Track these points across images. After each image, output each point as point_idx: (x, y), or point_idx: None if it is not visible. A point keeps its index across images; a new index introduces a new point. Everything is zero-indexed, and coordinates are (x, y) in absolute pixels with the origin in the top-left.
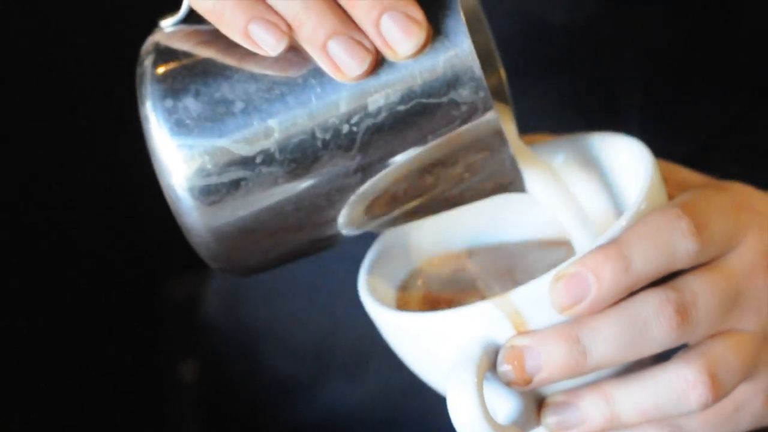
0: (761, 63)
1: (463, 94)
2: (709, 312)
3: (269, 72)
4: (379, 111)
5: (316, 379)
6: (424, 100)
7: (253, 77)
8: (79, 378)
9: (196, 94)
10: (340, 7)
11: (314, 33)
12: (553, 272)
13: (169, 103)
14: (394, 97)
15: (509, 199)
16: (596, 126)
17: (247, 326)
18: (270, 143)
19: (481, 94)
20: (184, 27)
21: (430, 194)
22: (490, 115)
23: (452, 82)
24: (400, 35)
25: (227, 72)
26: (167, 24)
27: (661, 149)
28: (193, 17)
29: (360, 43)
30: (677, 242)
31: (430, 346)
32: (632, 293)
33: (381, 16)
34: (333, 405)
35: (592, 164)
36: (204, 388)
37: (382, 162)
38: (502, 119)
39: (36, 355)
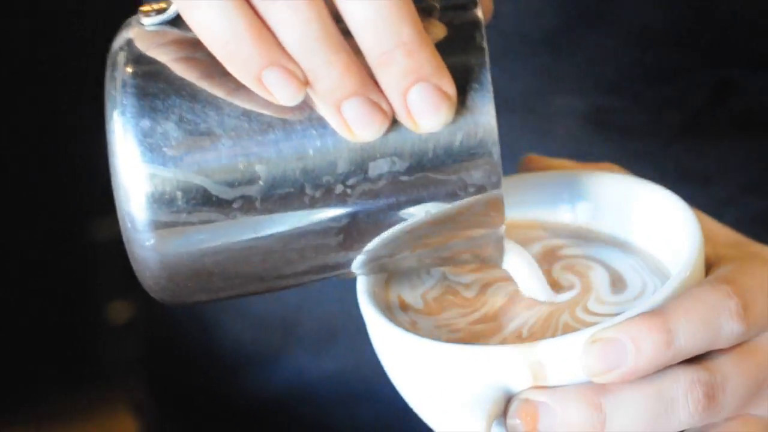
0: (750, 32)
1: (475, 176)
2: (735, 398)
3: (266, 111)
4: (379, 177)
5: (280, 351)
6: (431, 174)
7: (247, 114)
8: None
9: (180, 121)
10: (362, 62)
11: (332, 91)
12: (590, 331)
13: (146, 123)
14: (400, 166)
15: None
16: (589, 101)
17: None
18: (253, 190)
19: (494, 179)
20: (169, 30)
21: (406, 258)
22: (495, 198)
23: (466, 162)
24: (427, 110)
25: (218, 101)
26: (150, 22)
27: (656, 118)
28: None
29: (377, 106)
30: (724, 322)
31: (436, 376)
32: None
33: (412, 86)
34: (297, 377)
35: (623, 209)
36: (153, 352)
37: (368, 227)
38: None
39: None
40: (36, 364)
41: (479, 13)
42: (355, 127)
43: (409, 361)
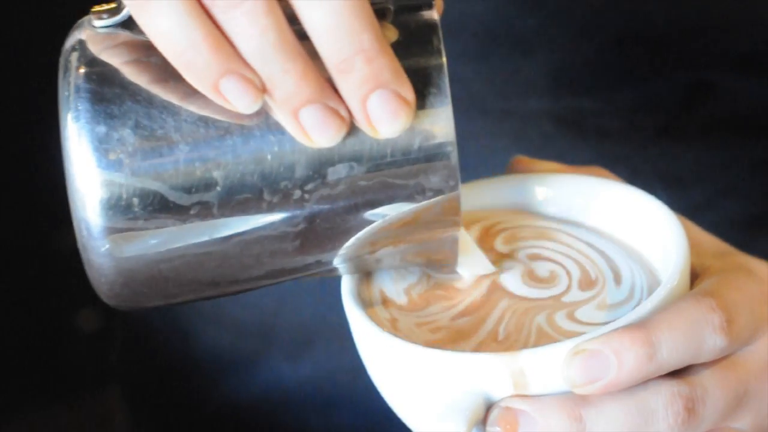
0: (725, 34)
1: (433, 180)
2: (715, 411)
3: (223, 116)
4: (337, 182)
5: (256, 357)
6: (389, 179)
7: (204, 119)
8: None
9: (136, 126)
10: (320, 66)
11: (289, 98)
12: (572, 342)
13: (102, 129)
14: (358, 171)
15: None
16: (564, 104)
17: None
18: (210, 196)
19: (451, 183)
20: (122, 32)
21: (362, 261)
22: (452, 202)
23: (424, 166)
24: (386, 116)
25: (175, 106)
26: (101, 24)
27: (632, 121)
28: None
29: (336, 113)
30: (707, 337)
31: (415, 379)
32: None
33: (372, 93)
34: (274, 383)
35: (609, 213)
36: (128, 359)
37: (325, 232)
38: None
39: None
40: (5, 375)
41: (435, 15)
42: (312, 133)
43: (388, 362)
